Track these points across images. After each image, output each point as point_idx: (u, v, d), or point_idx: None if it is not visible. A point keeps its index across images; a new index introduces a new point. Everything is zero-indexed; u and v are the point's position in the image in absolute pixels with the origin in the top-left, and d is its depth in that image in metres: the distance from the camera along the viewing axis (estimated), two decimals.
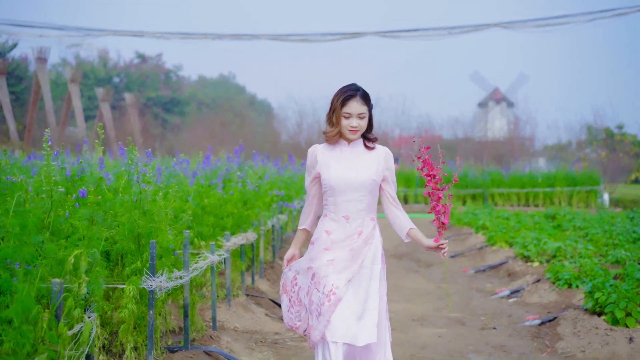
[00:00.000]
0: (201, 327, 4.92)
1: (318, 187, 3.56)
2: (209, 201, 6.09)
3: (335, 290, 3.34)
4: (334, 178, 3.44)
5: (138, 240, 4.08)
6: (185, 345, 4.50)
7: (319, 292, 3.37)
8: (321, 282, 3.38)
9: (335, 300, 3.32)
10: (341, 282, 3.36)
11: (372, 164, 3.47)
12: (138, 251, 4.10)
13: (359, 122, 3.43)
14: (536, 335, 6.01)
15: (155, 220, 4.18)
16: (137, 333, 4.15)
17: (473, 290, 8.21)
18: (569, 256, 8.58)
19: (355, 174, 3.44)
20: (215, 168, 8.79)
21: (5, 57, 34.81)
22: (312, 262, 3.46)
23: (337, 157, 3.48)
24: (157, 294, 3.98)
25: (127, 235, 4.02)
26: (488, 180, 22.59)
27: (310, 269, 3.45)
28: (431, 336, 5.95)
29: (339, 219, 3.45)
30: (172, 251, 4.39)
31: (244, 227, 6.57)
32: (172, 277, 4.15)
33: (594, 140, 35.71)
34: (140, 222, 4.02)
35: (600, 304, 5.80)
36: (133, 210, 3.98)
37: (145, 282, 3.90)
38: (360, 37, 20.24)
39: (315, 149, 3.55)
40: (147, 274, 3.94)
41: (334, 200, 3.46)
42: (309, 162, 3.56)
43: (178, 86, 48.13)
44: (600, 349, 5.28)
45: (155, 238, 4.15)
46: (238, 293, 6.30)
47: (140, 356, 4.13)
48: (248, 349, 5.13)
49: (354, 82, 3.51)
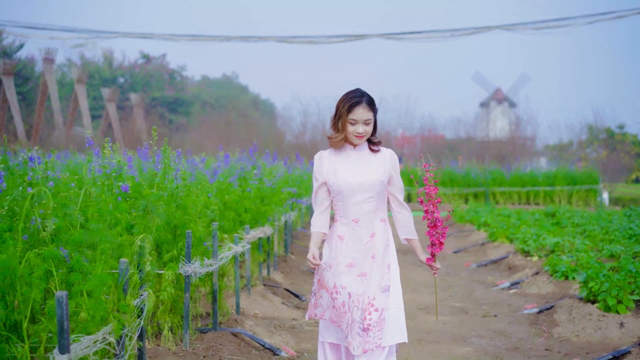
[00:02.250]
0: (227, 311, 5.37)
1: (328, 195, 3.58)
2: (230, 197, 6.54)
3: (372, 302, 3.44)
4: (342, 182, 3.48)
5: (174, 231, 4.52)
6: (214, 326, 4.95)
7: (360, 308, 3.43)
8: (361, 300, 3.44)
9: (379, 314, 3.41)
10: (375, 291, 3.44)
11: (378, 166, 3.52)
12: (174, 241, 4.55)
13: (365, 128, 3.46)
14: (534, 322, 6.45)
15: (189, 213, 4.63)
16: (172, 315, 4.60)
17: (475, 283, 8.65)
18: (566, 251, 9.02)
19: (363, 177, 3.48)
20: (229, 167, 9.24)
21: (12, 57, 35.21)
22: (342, 279, 3.48)
23: (343, 162, 3.52)
24: (192, 279, 4.43)
25: (164, 227, 4.46)
26: (490, 179, 23.04)
27: (344, 289, 3.47)
28: (436, 323, 6.39)
29: (349, 222, 3.50)
30: (203, 241, 4.84)
31: (261, 221, 7.02)
32: (204, 264, 4.60)
33: (594, 140, 36.09)
34: (177, 214, 4.47)
35: (594, 293, 6.24)
36: (171, 203, 4.42)
37: (181, 268, 4.35)
38: (365, 39, 20.66)
39: (322, 155, 3.58)
40: (183, 261, 4.38)
41: (343, 204, 3.51)
42: (316, 168, 3.59)
43: (182, 86, 48.57)
44: (593, 333, 5.73)
45: (189, 229, 4.59)
46: (256, 283, 6.75)
47: (176, 335, 4.58)
48: (269, 332, 5.58)
49: (359, 88, 3.53)
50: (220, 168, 7.71)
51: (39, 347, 2.68)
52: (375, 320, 3.42)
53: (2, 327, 2.62)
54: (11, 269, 2.53)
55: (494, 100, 51.50)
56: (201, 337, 4.79)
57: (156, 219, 3.72)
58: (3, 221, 2.87)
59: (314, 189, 3.61)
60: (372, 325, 3.40)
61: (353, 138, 3.48)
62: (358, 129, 3.45)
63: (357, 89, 3.51)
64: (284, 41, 20.58)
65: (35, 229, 3.08)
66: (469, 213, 16.06)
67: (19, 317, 2.65)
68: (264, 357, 4.88)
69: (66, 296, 2.34)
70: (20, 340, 2.66)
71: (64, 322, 2.35)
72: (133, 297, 3.25)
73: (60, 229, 3.11)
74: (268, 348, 5.03)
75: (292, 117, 34.70)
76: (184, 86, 48.99)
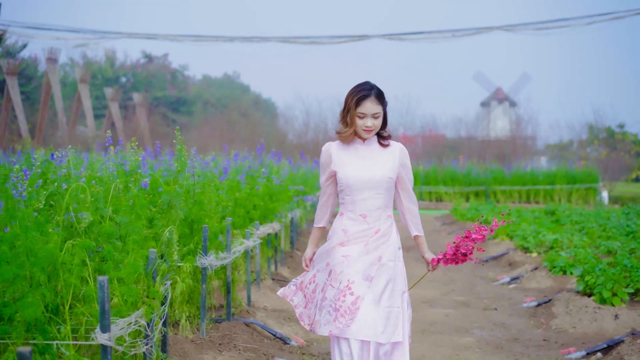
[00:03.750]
0: (239, 303, 5.62)
1: (334, 186, 3.53)
2: (240, 195, 6.79)
3: (351, 285, 3.31)
4: (350, 177, 3.39)
5: (191, 226, 4.77)
6: (228, 317, 5.21)
7: (334, 288, 3.34)
8: (337, 278, 3.35)
9: (354, 299, 3.28)
10: (357, 276, 3.33)
11: (387, 161, 3.43)
12: (190, 235, 4.80)
13: (374, 121, 3.36)
14: (533, 314, 6.70)
15: (205, 209, 4.88)
16: (189, 305, 4.85)
17: (477, 278, 8.91)
18: (565, 247, 9.26)
19: (372, 172, 3.39)
20: (237, 165, 9.50)
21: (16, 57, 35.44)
22: (329, 257, 3.44)
23: (352, 155, 3.43)
24: (208, 271, 4.68)
25: (182, 221, 4.71)
26: (490, 178, 23.31)
27: (328, 266, 3.43)
28: (439, 315, 6.64)
29: (356, 217, 3.42)
30: (217, 236, 5.09)
31: (269, 218, 7.28)
32: (219, 257, 4.85)
33: (595, 140, 36.32)
34: (194, 209, 4.72)
35: (590, 286, 6.49)
36: (188, 199, 4.68)
37: (199, 261, 4.60)
38: (367, 39, 20.93)
39: (330, 147, 3.49)
40: (199, 254, 4.63)
41: (352, 199, 3.42)
42: (323, 160, 3.51)
43: (184, 86, 48.84)
44: (589, 325, 5.98)
45: (205, 224, 4.84)
46: (265, 277, 7.01)
47: (192, 324, 4.84)
48: (279, 323, 5.83)
49: (368, 81, 3.42)
50: (230, 167, 7.96)
51: (79, 328, 2.93)
52: (347, 305, 3.28)
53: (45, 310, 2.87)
54: (55, 256, 2.78)
55: (495, 100, 51.75)
56: (216, 327, 5.04)
57: (179, 213, 3.97)
58: (42, 214, 3.11)
59: (321, 181, 3.56)
60: (346, 309, 3.27)
61: (362, 132, 3.39)
62: (367, 122, 3.36)
63: (366, 82, 3.42)
64: (287, 41, 20.83)
65: (69, 221, 3.33)
66: (470, 211, 16.31)
67: (62, 301, 2.91)
68: (275, 346, 5.14)
69: (107, 280, 2.59)
70: (62, 322, 2.92)
71: (105, 304, 2.60)
72: (160, 285, 3.50)
73: (92, 222, 3.36)
74: (279, 337, 5.28)
75: (294, 117, 34.99)
76: (186, 85, 49.26)
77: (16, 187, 3.36)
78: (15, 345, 2.73)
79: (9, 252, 2.69)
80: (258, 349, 4.86)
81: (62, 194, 3.30)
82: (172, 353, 4.19)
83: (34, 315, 2.61)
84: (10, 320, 2.72)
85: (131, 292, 3.01)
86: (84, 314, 2.97)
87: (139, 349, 3.07)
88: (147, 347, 3.20)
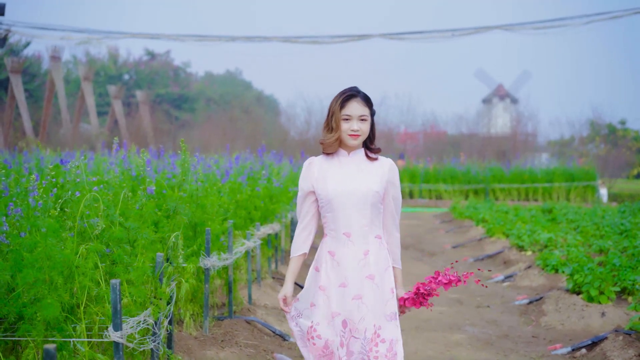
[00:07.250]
0: (241, 301, 5.88)
1: (316, 204, 3.15)
2: (241, 197, 7.04)
3: (379, 332, 3.01)
4: (331, 190, 3.06)
5: (194, 228, 5.02)
6: (230, 315, 5.46)
7: (358, 339, 3.00)
8: (358, 328, 3.00)
9: (388, 345, 3.00)
10: (381, 319, 3.02)
11: (373, 174, 3.09)
12: (194, 237, 5.05)
13: (361, 125, 3.05)
14: (524, 312, 6.95)
15: (207, 212, 5.13)
16: (192, 304, 5.11)
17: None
18: (559, 246, 9.51)
19: (355, 184, 3.06)
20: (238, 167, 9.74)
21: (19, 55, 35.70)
22: (332, 302, 3.04)
23: (335, 168, 3.11)
24: (211, 272, 4.94)
25: (185, 224, 4.96)
26: (489, 176, 23.56)
27: (337, 316, 3.03)
28: (434, 312, 6.89)
29: (339, 236, 3.06)
30: (219, 237, 5.34)
31: (269, 218, 7.53)
32: (221, 258, 5.11)
33: (596, 136, 36.50)
34: (197, 213, 4.97)
35: (579, 284, 6.74)
36: (191, 203, 4.93)
37: (202, 262, 4.85)
38: (367, 39, 21.14)
39: (312, 161, 3.17)
40: (202, 255, 4.88)
41: (333, 215, 3.07)
42: (303, 175, 3.16)
43: (186, 83, 49.12)
44: (577, 322, 6.24)
45: (207, 227, 5.10)
46: (266, 276, 7.27)
47: (196, 322, 5.09)
48: (278, 321, 6.09)
49: (355, 85, 3.15)
50: (231, 169, 8.21)
51: (93, 326, 3.19)
52: (384, 354, 2.98)
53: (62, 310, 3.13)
54: (71, 261, 3.04)
55: (496, 97, 51.95)
56: (218, 324, 5.30)
57: (184, 218, 4.22)
58: (57, 220, 3.36)
59: (299, 198, 3.19)
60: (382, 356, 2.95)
61: (347, 138, 3.07)
62: (353, 125, 3.05)
63: (352, 86, 3.14)
64: (289, 41, 21.06)
65: (81, 227, 3.59)
66: (469, 209, 16.56)
67: (77, 302, 3.17)
68: (275, 343, 5.40)
69: (119, 283, 2.84)
70: (77, 321, 3.17)
71: (117, 305, 2.85)
72: (166, 286, 3.76)
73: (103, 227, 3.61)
74: (278, 334, 5.54)
75: (296, 115, 35.19)
76: (188, 83, 49.54)
77: (28, 196, 3.61)
78: (36, 342, 2.99)
79: (29, 257, 2.95)
80: (258, 345, 5.12)
81: (74, 201, 3.55)
82: (177, 349, 4.45)
83: (53, 314, 2.87)
84: (31, 320, 2.98)
85: (140, 293, 3.26)
86: (97, 313, 3.23)
87: (147, 345, 3.32)
88: (154, 344, 3.45)
